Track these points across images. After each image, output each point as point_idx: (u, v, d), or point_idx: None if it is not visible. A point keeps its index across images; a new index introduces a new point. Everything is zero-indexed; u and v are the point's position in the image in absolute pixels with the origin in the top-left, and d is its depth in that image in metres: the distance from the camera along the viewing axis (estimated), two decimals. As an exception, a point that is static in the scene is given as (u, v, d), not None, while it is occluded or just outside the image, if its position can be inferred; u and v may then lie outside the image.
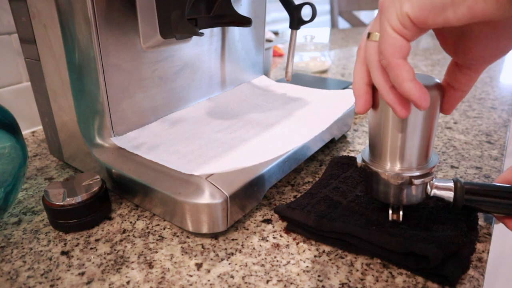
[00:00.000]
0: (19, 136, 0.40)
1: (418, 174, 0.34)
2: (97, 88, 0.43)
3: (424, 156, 0.34)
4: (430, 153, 0.34)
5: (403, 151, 0.33)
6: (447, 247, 0.32)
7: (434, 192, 0.36)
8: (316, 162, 0.53)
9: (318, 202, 0.40)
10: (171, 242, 0.38)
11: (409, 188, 0.35)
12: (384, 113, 0.32)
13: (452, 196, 0.36)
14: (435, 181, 0.37)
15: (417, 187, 0.35)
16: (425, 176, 0.34)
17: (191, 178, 0.39)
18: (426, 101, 0.27)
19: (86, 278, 0.34)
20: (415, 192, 0.35)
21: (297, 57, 1.02)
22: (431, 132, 0.33)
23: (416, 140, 0.32)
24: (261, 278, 0.33)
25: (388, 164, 0.35)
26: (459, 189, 0.36)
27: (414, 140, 0.32)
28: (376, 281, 0.33)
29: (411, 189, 0.35)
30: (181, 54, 0.52)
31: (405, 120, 0.31)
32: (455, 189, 0.36)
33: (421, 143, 0.33)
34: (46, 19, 0.43)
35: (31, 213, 0.44)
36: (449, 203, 0.37)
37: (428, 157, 0.34)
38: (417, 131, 0.32)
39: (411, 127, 0.32)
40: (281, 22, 1.75)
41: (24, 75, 0.63)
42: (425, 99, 0.27)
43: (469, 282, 0.32)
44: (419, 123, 0.32)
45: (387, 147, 0.34)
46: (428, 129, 0.32)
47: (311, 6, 0.57)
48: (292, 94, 0.63)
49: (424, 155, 0.34)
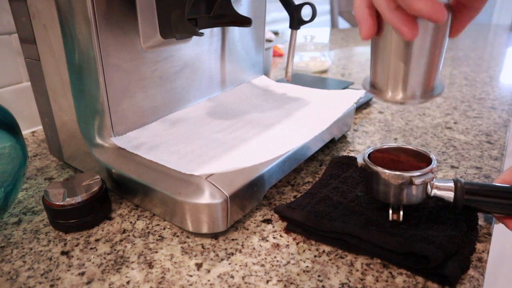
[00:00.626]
0: (19, 136, 0.40)
1: (419, 174, 0.34)
2: (97, 88, 0.43)
3: (430, 83, 0.30)
4: (435, 81, 0.30)
5: (406, 79, 0.29)
6: (447, 247, 0.32)
7: (434, 192, 0.37)
8: (316, 162, 0.53)
9: (318, 202, 0.40)
10: (171, 242, 0.38)
11: (409, 188, 0.35)
12: (387, 37, 0.28)
13: (453, 196, 0.36)
14: (435, 181, 0.37)
15: (417, 187, 0.35)
16: (426, 175, 0.34)
17: (191, 178, 0.39)
18: (442, 12, 0.24)
19: (86, 278, 0.34)
20: (415, 192, 0.36)
21: (297, 57, 1.02)
22: (438, 59, 0.29)
23: (422, 67, 0.29)
24: (261, 278, 0.33)
25: (389, 94, 0.30)
26: (459, 189, 0.36)
27: (420, 67, 0.29)
28: (376, 281, 0.33)
29: (412, 189, 0.35)
30: (181, 54, 0.52)
31: (410, 44, 0.28)
32: (455, 189, 0.36)
33: (427, 69, 0.29)
34: (46, 19, 0.43)
35: (31, 213, 0.44)
36: (449, 203, 0.37)
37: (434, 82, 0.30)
38: (424, 56, 0.28)
39: (418, 51, 0.28)
40: (281, 22, 1.75)
41: (24, 75, 0.63)
42: (440, 10, 0.24)
43: (469, 282, 0.32)
44: (426, 47, 0.28)
45: (390, 76, 0.30)
46: (437, 55, 0.28)
47: (311, 6, 0.57)
48: (292, 94, 0.63)
49: (431, 82, 0.30)
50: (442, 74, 0.95)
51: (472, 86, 0.85)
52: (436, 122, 0.66)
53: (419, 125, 0.65)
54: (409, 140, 0.59)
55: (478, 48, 1.25)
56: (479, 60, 1.09)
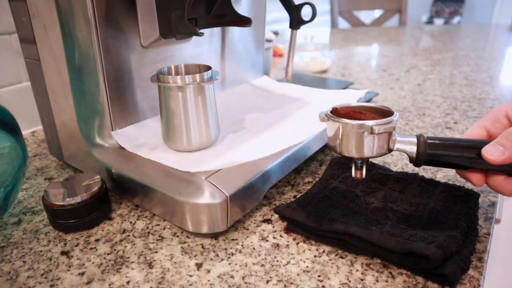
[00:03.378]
0: (19, 136, 0.40)
1: (379, 123, 0.34)
2: (97, 88, 0.43)
3: None
4: None
5: None
6: (447, 247, 0.32)
7: (397, 147, 0.36)
8: (316, 162, 0.53)
9: (318, 202, 0.40)
10: (171, 242, 0.38)
11: (370, 138, 0.35)
12: None
13: (415, 151, 0.36)
14: (398, 136, 0.36)
15: (379, 138, 0.35)
16: (386, 125, 0.34)
17: (191, 178, 0.39)
18: None
19: (86, 278, 0.34)
20: (376, 143, 0.35)
21: (297, 57, 1.02)
22: None
23: None
24: (261, 278, 0.33)
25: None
26: (422, 143, 0.36)
27: None
28: (376, 281, 0.33)
29: (373, 139, 0.35)
30: (181, 54, 0.52)
31: None
32: (418, 143, 0.36)
33: None
34: (46, 19, 0.43)
35: (31, 213, 0.44)
36: (412, 158, 0.36)
37: None
38: None
39: None
40: (281, 22, 1.75)
41: (24, 75, 0.63)
42: None
43: (469, 282, 0.32)
44: None
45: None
46: None
47: (311, 6, 0.57)
48: (292, 94, 0.63)
49: None
50: (442, 74, 0.95)
51: (472, 86, 0.85)
52: (436, 122, 0.66)
53: (419, 125, 0.65)
54: (409, 140, 0.59)
55: (478, 48, 1.25)
56: (479, 60, 1.09)
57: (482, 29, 1.63)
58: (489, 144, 0.34)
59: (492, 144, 0.34)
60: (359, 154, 0.36)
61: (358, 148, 0.35)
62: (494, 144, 0.34)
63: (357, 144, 0.35)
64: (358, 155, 0.36)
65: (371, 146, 0.35)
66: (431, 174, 0.49)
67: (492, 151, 0.33)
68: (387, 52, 1.24)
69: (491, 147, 0.33)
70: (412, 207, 0.40)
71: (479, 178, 0.36)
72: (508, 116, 0.38)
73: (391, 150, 0.36)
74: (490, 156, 0.33)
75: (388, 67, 1.05)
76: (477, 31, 1.58)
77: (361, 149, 0.35)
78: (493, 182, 0.35)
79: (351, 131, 0.35)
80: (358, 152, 0.36)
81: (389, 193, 0.42)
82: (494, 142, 0.34)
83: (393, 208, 0.40)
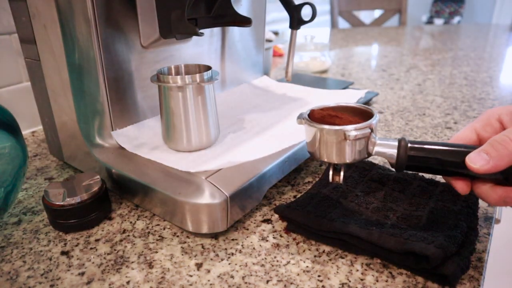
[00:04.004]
0: (19, 136, 0.40)
1: (353, 129, 0.33)
2: (97, 88, 0.43)
3: None
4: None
5: None
6: (447, 247, 0.32)
7: (376, 150, 0.35)
8: (316, 162, 0.53)
9: (318, 202, 0.40)
10: (171, 242, 0.38)
11: (346, 144, 0.34)
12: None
13: (395, 154, 0.34)
14: (379, 140, 0.35)
15: (356, 143, 0.34)
16: (361, 130, 0.33)
17: (191, 178, 0.39)
18: None
19: (86, 278, 0.34)
20: (354, 148, 0.34)
21: (297, 57, 1.02)
22: None
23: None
24: (261, 278, 0.33)
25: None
26: (402, 148, 0.34)
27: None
28: (376, 281, 0.33)
29: (349, 145, 0.34)
30: (181, 54, 0.52)
31: None
32: (398, 147, 0.34)
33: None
34: (46, 19, 0.43)
35: (31, 213, 0.44)
36: (392, 163, 0.35)
37: None
38: None
39: None
40: (281, 22, 1.75)
41: (24, 75, 0.63)
42: None
43: (469, 282, 0.32)
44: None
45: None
46: None
47: (311, 6, 0.56)
48: (292, 94, 0.63)
49: None
50: (442, 74, 0.95)
51: (472, 86, 0.85)
52: (436, 122, 0.66)
53: (419, 125, 0.65)
54: (409, 140, 0.59)
55: (478, 48, 1.25)
56: (479, 60, 1.09)
57: (482, 29, 1.63)
58: (474, 151, 0.32)
59: (477, 152, 0.31)
60: (338, 160, 0.35)
61: (336, 153, 0.34)
62: (479, 152, 0.31)
63: (335, 150, 0.34)
64: (337, 161, 0.35)
65: (349, 151, 0.34)
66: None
67: (477, 160, 0.31)
68: (387, 52, 1.24)
69: (475, 154, 0.31)
70: (412, 207, 0.40)
71: (463, 185, 0.34)
72: (501, 120, 0.35)
73: (370, 154, 0.35)
74: (474, 165, 0.31)
75: (388, 67, 1.05)
76: (477, 31, 1.58)
77: (339, 155, 0.34)
78: (478, 190, 0.33)
79: (327, 136, 0.34)
80: (336, 157, 0.34)
81: (389, 193, 0.42)
82: (479, 149, 0.31)
83: (393, 208, 0.40)
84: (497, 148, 0.31)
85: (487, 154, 0.31)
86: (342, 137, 0.33)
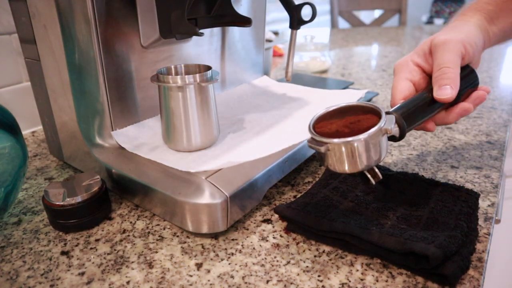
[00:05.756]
0: (19, 136, 0.40)
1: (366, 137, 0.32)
2: (97, 88, 0.43)
3: None
4: None
5: None
6: (447, 247, 0.32)
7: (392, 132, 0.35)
8: (316, 162, 0.53)
9: (318, 202, 0.40)
10: (171, 242, 0.38)
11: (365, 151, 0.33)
12: None
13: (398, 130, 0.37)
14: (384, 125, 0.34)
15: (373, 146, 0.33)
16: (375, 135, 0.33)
17: (191, 178, 0.39)
18: None
19: (86, 278, 0.34)
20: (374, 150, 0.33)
21: (297, 57, 1.02)
22: None
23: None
24: (261, 278, 0.33)
25: None
26: (399, 120, 0.36)
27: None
28: (376, 281, 0.33)
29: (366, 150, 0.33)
30: (181, 54, 0.52)
31: None
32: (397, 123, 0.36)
33: None
34: (46, 19, 0.43)
35: (31, 213, 0.44)
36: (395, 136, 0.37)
37: None
38: None
39: None
40: (281, 22, 1.75)
41: (24, 75, 0.63)
42: None
43: (469, 282, 0.32)
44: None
45: None
46: None
47: (311, 6, 0.56)
48: (292, 94, 0.63)
49: None
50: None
51: (472, 86, 0.85)
52: (436, 122, 0.66)
53: (419, 125, 0.64)
54: (409, 140, 0.59)
55: (478, 48, 1.25)
56: (479, 60, 1.08)
57: (482, 29, 1.62)
58: (435, 89, 0.39)
59: (439, 88, 0.38)
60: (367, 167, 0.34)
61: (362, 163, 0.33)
62: (440, 87, 0.38)
63: (372, 153, 0.33)
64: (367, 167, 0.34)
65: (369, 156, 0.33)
66: (431, 174, 0.49)
67: (443, 93, 0.38)
68: (387, 52, 1.24)
69: (440, 90, 0.38)
70: (412, 207, 0.40)
71: (431, 125, 0.41)
72: (430, 47, 0.42)
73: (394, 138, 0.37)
74: (443, 97, 0.38)
75: (388, 67, 1.05)
76: (477, 31, 1.58)
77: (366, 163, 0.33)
78: (438, 120, 0.41)
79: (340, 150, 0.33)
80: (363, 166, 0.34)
81: (389, 193, 0.42)
82: (438, 85, 0.38)
83: (393, 208, 0.40)
84: (449, 77, 0.38)
85: (448, 85, 0.38)
86: (379, 136, 0.33)
